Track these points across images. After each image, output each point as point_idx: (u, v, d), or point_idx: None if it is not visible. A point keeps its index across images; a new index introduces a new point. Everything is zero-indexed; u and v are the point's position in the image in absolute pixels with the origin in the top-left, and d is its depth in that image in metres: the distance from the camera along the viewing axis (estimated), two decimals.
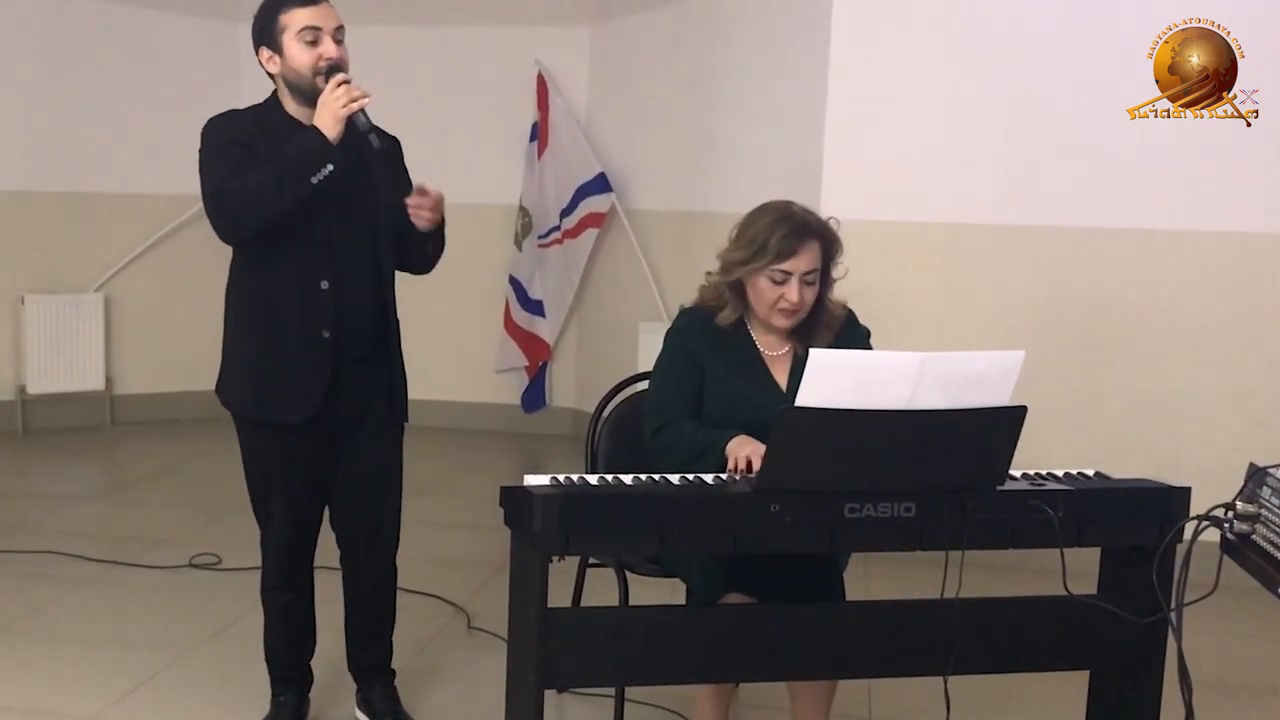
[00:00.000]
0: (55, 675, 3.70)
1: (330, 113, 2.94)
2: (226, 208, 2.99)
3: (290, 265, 3.09)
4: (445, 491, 5.95)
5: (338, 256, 3.11)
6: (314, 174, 2.94)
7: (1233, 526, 2.32)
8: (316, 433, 3.18)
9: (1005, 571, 3.55)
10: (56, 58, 6.86)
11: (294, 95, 3.08)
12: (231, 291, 3.25)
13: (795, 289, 2.91)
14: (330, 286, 3.09)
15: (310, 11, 3.01)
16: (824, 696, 2.95)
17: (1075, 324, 5.04)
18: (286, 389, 3.13)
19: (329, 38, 3.03)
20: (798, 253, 2.89)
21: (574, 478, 2.62)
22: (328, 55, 3.01)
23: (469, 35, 7.18)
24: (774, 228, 2.90)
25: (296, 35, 3.01)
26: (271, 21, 3.04)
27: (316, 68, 3.01)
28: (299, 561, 3.32)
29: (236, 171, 2.98)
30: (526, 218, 7.15)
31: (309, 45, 3.01)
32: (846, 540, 2.72)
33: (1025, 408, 2.53)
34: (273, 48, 3.05)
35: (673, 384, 3.01)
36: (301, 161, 2.94)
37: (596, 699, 3.51)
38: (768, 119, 5.72)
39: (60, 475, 6.31)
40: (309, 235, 3.06)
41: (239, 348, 3.22)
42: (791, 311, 2.94)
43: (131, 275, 7.22)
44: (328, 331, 3.10)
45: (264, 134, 3.06)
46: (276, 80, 3.11)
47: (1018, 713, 3.65)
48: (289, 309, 3.10)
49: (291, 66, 3.03)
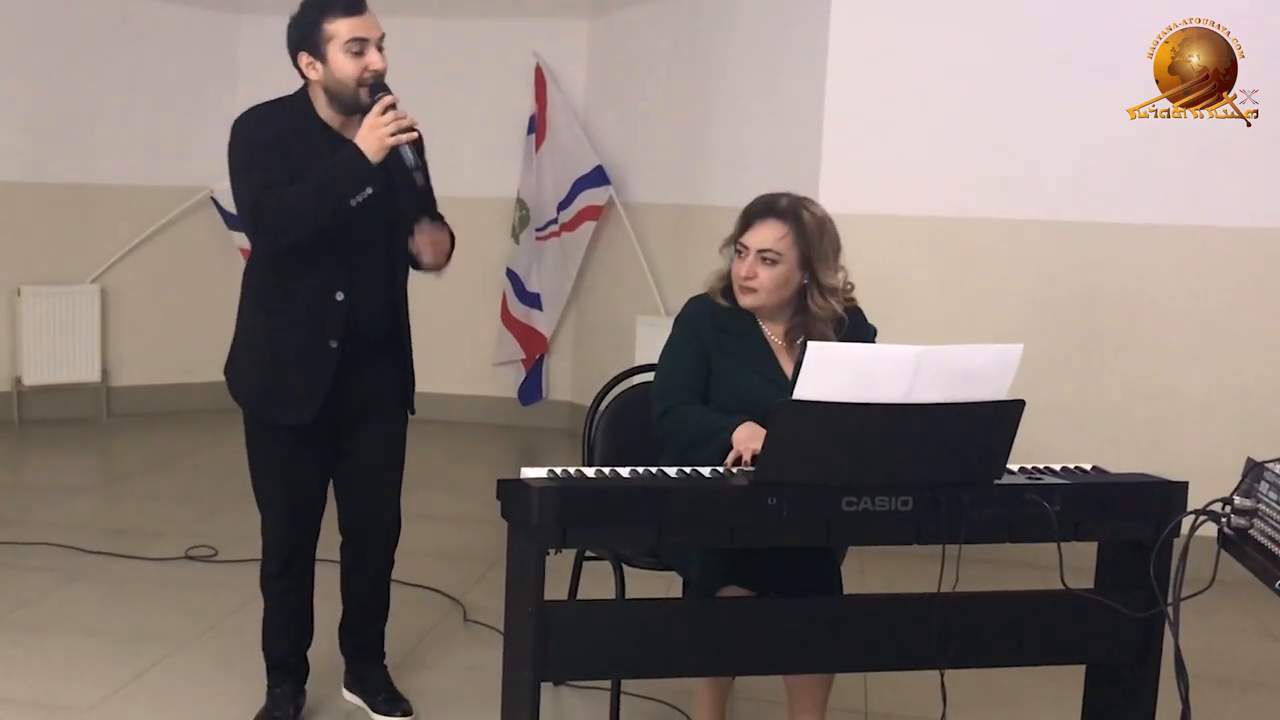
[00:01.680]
0: (51, 667, 3.70)
1: (377, 138, 2.92)
2: (265, 222, 2.98)
3: (308, 274, 3.08)
4: (441, 484, 5.94)
5: (355, 267, 3.11)
6: (354, 196, 2.94)
7: (1230, 521, 2.33)
8: (321, 428, 3.19)
9: (1002, 566, 3.55)
10: (54, 48, 6.84)
11: (333, 103, 3.05)
12: (247, 285, 3.23)
13: (747, 263, 2.96)
14: (345, 298, 3.10)
15: (356, 21, 2.97)
16: (821, 690, 2.95)
17: (1073, 318, 5.04)
18: (288, 393, 3.14)
19: (373, 48, 2.99)
20: (753, 227, 2.96)
21: (571, 471, 2.62)
22: (374, 67, 2.99)
23: (467, 28, 7.17)
24: (752, 205, 3.00)
25: (343, 46, 2.97)
26: (314, 29, 2.99)
27: (361, 79, 2.98)
28: (300, 551, 3.32)
29: (271, 181, 2.96)
30: (524, 211, 7.14)
31: (354, 56, 2.97)
32: (844, 534, 2.72)
33: (1023, 402, 2.54)
34: (315, 55, 3.01)
35: (681, 368, 3.02)
36: (342, 182, 2.93)
37: (593, 692, 3.51)
38: (766, 112, 5.71)
39: (56, 467, 6.29)
40: (329, 247, 3.05)
41: (247, 343, 3.22)
42: (745, 288, 2.97)
43: (128, 267, 7.20)
44: (335, 341, 3.11)
45: (297, 136, 3.04)
46: (313, 85, 3.07)
47: (1014, 707, 3.65)
48: (301, 317, 3.10)
49: (335, 76, 3.00)
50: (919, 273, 5.13)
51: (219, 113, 7.30)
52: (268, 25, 7.28)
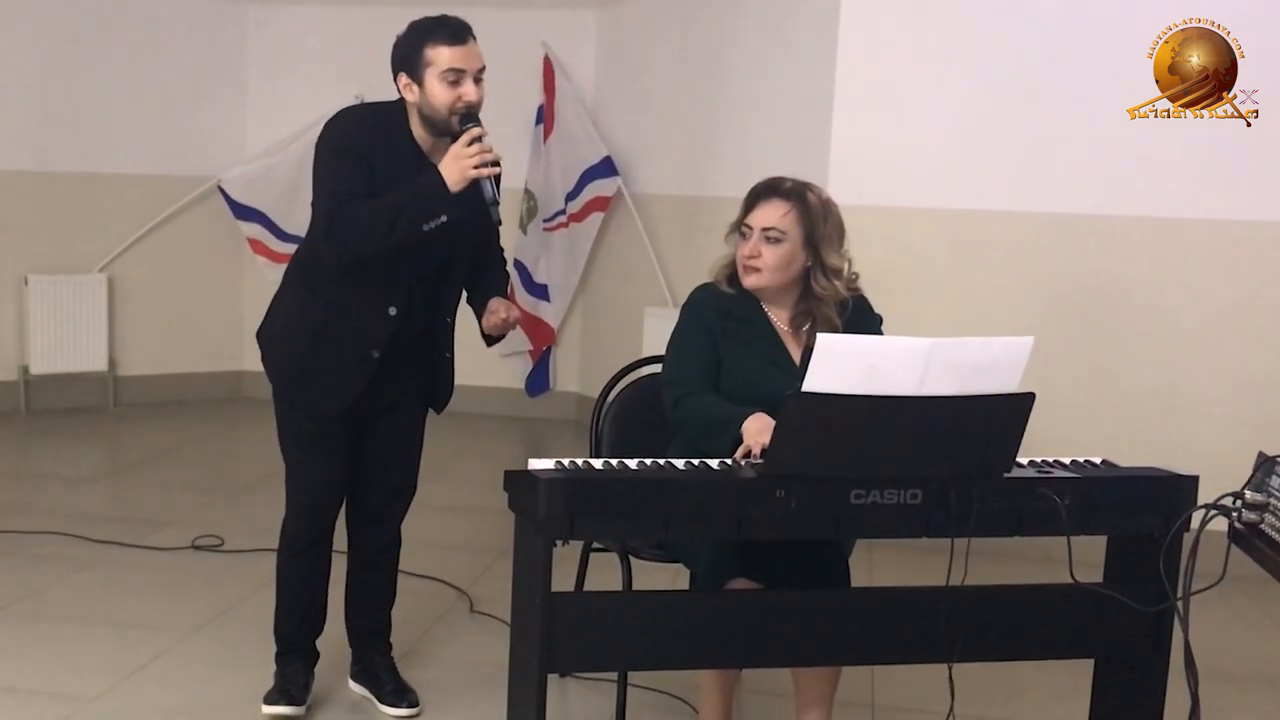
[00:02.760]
0: (58, 656, 3.70)
1: (460, 168, 2.95)
2: (338, 233, 3.00)
3: (365, 285, 3.13)
4: (448, 475, 5.94)
5: (413, 286, 3.16)
6: (428, 222, 2.97)
7: (1241, 515, 2.32)
8: (350, 417, 3.25)
9: (1011, 559, 3.55)
10: (61, 37, 6.83)
11: (425, 125, 3.08)
12: (301, 272, 3.26)
13: (751, 243, 2.96)
14: (397, 313, 3.15)
15: (457, 52, 3.00)
16: (828, 683, 2.95)
17: (1084, 311, 5.03)
18: (323, 387, 3.20)
19: (470, 79, 3.01)
20: (757, 207, 2.98)
21: (578, 462, 2.62)
22: (467, 98, 3.00)
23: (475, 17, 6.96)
24: (753, 189, 3.01)
25: (440, 74, 2.99)
26: (416, 53, 3.02)
27: (454, 108, 3.00)
28: (325, 532, 3.36)
29: (353, 191, 2.99)
30: (532, 201, 7.13)
31: (450, 85, 3.00)
32: (852, 526, 2.71)
33: (1033, 394, 2.52)
34: (413, 77, 3.03)
35: (691, 355, 3.01)
36: (419, 206, 2.96)
37: (599, 684, 3.51)
38: (775, 104, 5.69)
39: (63, 456, 6.30)
40: (394, 263, 3.09)
41: (291, 328, 3.25)
42: (749, 268, 2.97)
43: (135, 256, 7.19)
44: (378, 352, 3.17)
45: (386, 148, 3.06)
46: (410, 106, 3.09)
47: (1022, 701, 3.64)
48: (352, 323, 3.16)
49: (430, 102, 3.02)
50: (928, 264, 5.12)
51: (226, 102, 7.42)
52: (275, 14, 7.36)
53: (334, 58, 7.05)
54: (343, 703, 3.46)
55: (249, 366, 7.16)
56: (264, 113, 7.32)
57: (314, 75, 7.10)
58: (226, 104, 7.35)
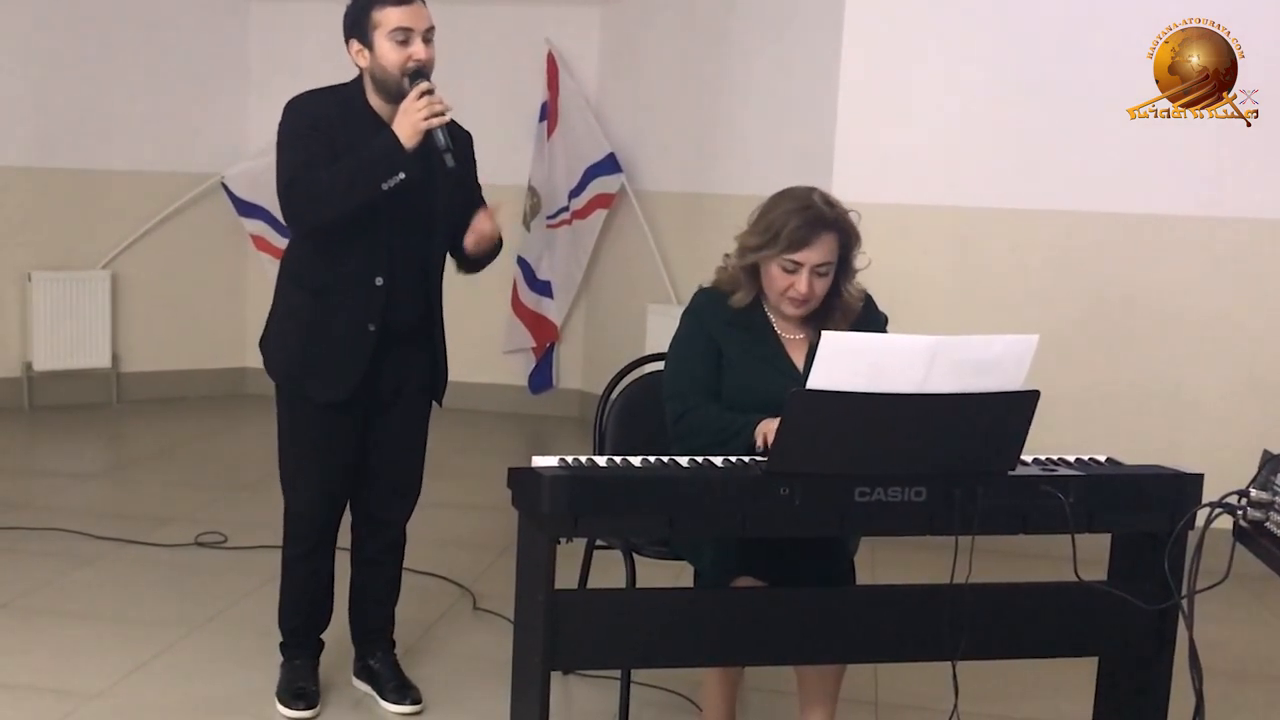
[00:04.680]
0: (61, 652, 3.70)
1: (410, 122, 2.99)
2: (296, 199, 3.05)
3: (349, 259, 3.15)
4: (452, 472, 5.93)
5: (395, 255, 3.17)
6: (386, 180, 2.99)
7: (1246, 514, 2.31)
8: (353, 408, 3.25)
9: (1015, 557, 3.53)
10: (65, 34, 6.83)
11: (379, 91, 3.12)
12: (287, 268, 3.31)
13: (805, 280, 2.88)
14: (384, 284, 3.16)
15: (403, 11, 3.04)
16: (832, 680, 2.94)
17: (1089, 308, 5.02)
18: (326, 370, 3.21)
19: (419, 38, 3.06)
20: (810, 244, 2.86)
21: (582, 459, 2.61)
22: (416, 56, 3.05)
23: (479, 13, 7.14)
24: (789, 217, 2.86)
25: (388, 34, 3.04)
26: (364, 16, 3.07)
27: (404, 68, 3.04)
28: (326, 528, 3.37)
29: (311, 160, 3.03)
30: (535, 198, 7.12)
31: (399, 45, 3.04)
32: (856, 524, 2.71)
33: (1038, 392, 2.52)
34: (363, 42, 3.09)
35: (692, 367, 2.98)
36: (375, 166, 2.99)
37: (603, 681, 3.51)
38: (779, 101, 5.69)
39: (66, 452, 6.30)
40: (371, 232, 3.12)
41: (285, 323, 3.28)
42: (800, 301, 2.92)
43: (139, 253, 7.20)
44: (374, 325, 3.18)
45: (344, 121, 3.10)
46: (364, 74, 3.14)
47: (1026, 699, 3.64)
48: (341, 301, 3.18)
49: (380, 64, 3.07)
50: (933, 262, 5.12)
51: (230, 99, 7.42)
52: (278, 11, 7.35)
53: (337, 54, 7.00)
54: (345, 700, 3.46)
55: (252, 363, 7.14)
56: (267, 109, 7.20)
57: (317, 72, 6.97)
58: (230, 100, 7.35)
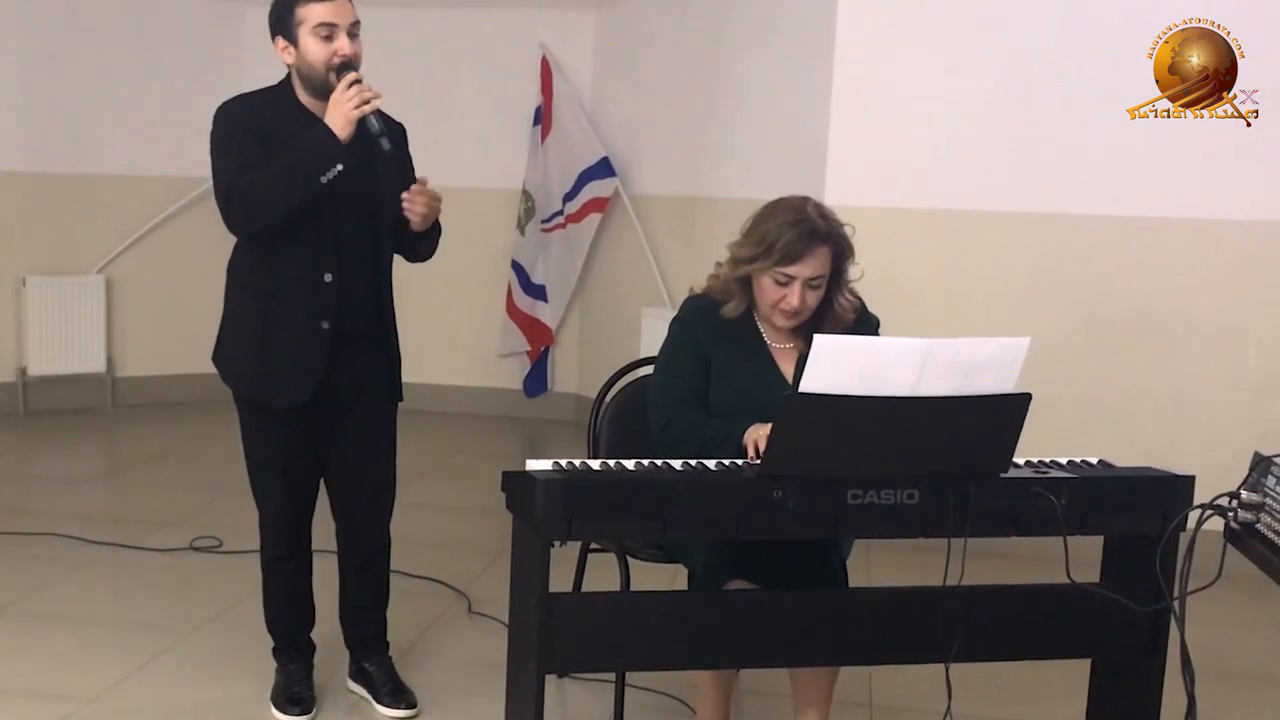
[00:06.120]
0: (56, 657, 3.70)
1: (341, 113, 2.98)
2: (237, 204, 3.05)
3: (295, 257, 3.13)
4: (446, 476, 5.94)
5: (342, 250, 3.15)
6: (323, 174, 2.98)
7: (1237, 515, 2.32)
8: (313, 412, 3.22)
9: (1008, 559, 3.55)
10: (58, 38, 6.82)
11: (307, 88, 3.11)
12: (233, 273, 3.29)
13: (797, 293, 2.87)
14: (334, 280, 3.14)
15: (327, 7, 3.03)
16: (826, 682, 2.94)
17: (1081, 311, 5.02)
18: (282, 375, 3.18)
19: (344, 33, 3.05)
20: (803, 258, 2.85)
21: (576, 463, 2.62)
22: (342, 52, 3.04)
23: (473, 18, 7.15)
24: (783, 230, 2.85)
25: (312, 30, 3.03)
26: (289, 13, 3.06)
27: (330, 64, 3.03)
28: (298, 534, 3.37)
29: (247, 164, 3.02)
30: (529, 202, 7.13)
31: (324, 40, 3.03)
32: (849, 527, 2.72)
33: (1030, 395, 2.53)
34: (288, 39, 3.07)
35: (678, 376, 2.99)
36: (312, 161, 2.98)
37: (597, 684, 3.51)
38: (773, 104, 5.69)
39: (61, 457, 6.30)
40: (315, 229, 3.10)
41: (238, 330, 3.27)
42: (791, 314, 2.91)
43: (133, 257, 7.19)
44: (327, 323, 3.15)
45: (276, 121, 3.09)
46: (291, 71, 3.13)
47: (1019, 701, 3.65)
48: (291, 300, 3.15)
49: (306, 60, 3.06)
50: (925, 265, 5.12)
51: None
52: None
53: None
54: (341, 703, 3.47)
55: None
56: None
57: None
58: None
